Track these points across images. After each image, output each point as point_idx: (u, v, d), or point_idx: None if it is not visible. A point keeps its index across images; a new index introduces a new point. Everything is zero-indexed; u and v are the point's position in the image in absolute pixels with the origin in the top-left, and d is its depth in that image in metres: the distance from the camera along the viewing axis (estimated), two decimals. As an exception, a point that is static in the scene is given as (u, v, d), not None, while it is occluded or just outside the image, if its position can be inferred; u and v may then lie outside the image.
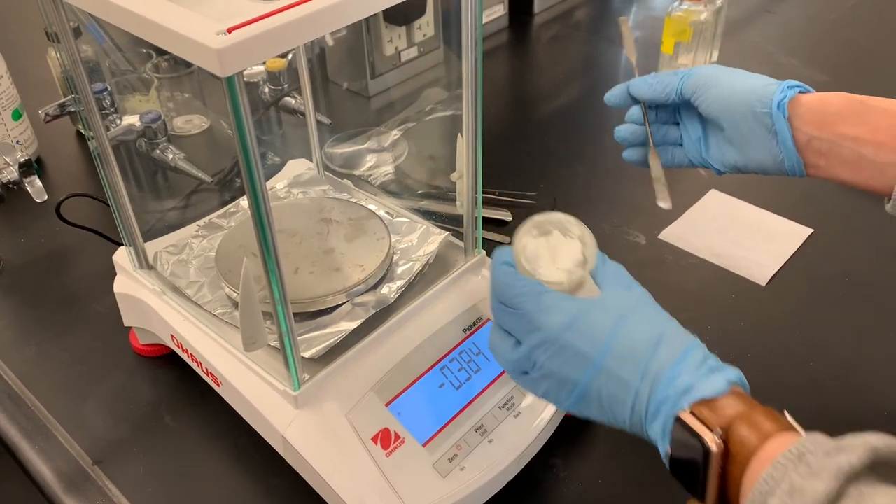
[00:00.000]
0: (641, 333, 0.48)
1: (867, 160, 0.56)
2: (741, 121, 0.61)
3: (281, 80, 1.01)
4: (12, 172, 0.86)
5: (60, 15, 0.58)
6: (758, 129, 0.60)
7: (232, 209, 0.78)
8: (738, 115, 0.61)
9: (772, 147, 0.60)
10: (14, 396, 0.74)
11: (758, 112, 0.59)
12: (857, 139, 0.56)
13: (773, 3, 1.42)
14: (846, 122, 0.57)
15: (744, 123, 0.61)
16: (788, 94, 0.59)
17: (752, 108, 0.60)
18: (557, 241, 0.56)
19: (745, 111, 0.60)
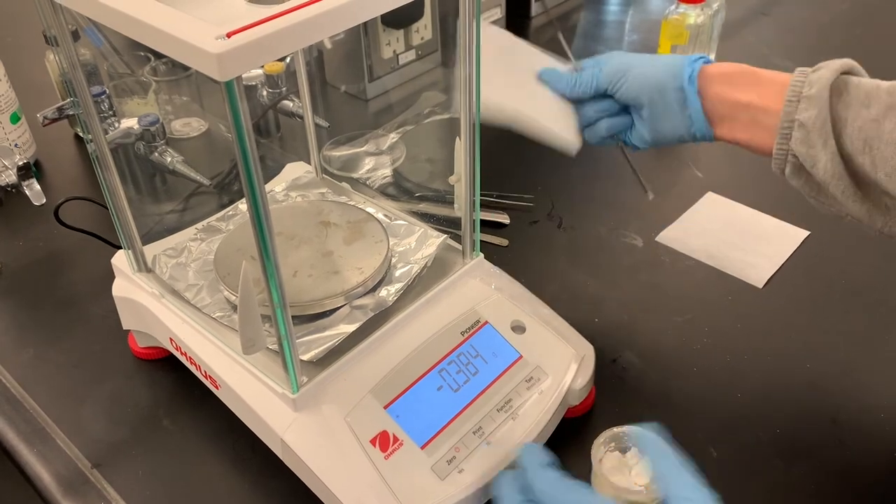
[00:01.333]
0: None
1: (758, 122, 0.63)
2: (658, 98, 0.67)
3: (279, 83, 1.01)
4: (11, 176, 0.86)
5: (59, 18, 0.58)
6: (672, 102, 0.66)
7: (230, 212, 0.78)
8: (655, 94, 0.67)
9: (685, 118, 0.66)
10: (12, 400, 0.74)
11: (671, 87, 0.66)
12: (750, 104, 0.64)
13: (769, 5, 1.43)
14: (740, 90, 0.65)
15: (660, 100, 0.67)
16: (695, 67, 0.66)
17: (666, 85, 0.66)
18: (634, 459, 0.61)
19: (660, 89, 0.66)
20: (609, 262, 0.88)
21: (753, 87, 0.64)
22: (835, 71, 0.60)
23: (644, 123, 0.69)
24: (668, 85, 0.66)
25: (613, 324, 0.80)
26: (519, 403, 0.64)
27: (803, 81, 0.60)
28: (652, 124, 0.68)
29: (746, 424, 0.70)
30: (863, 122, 0.57)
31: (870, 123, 0.57)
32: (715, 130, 0.67)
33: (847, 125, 0.58)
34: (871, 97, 0.58)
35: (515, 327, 0.67)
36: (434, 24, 1.20)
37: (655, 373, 0.75)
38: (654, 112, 0.67)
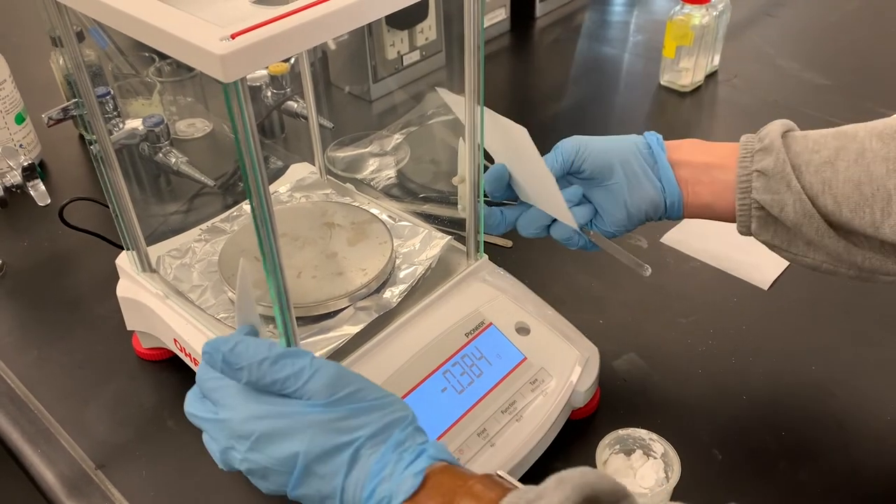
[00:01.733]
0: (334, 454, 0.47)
1: (718, 180, 0.64)
2: (626, 165, 0.65)
3: (283, 84, 1.01)
4: (16, 176, 0.86)
5: (64, 19, 0.58)
6: (641, 168, 0.65)
7: (235, 213, 0.78)
8: (622, 161, 0.65)
9: (655, 183, 0.66)
10: (17, 400, 0.74)
11: (638, 152, 0.66)
12: (710, 164, 0.65)
13: (774, 6, 1.42)
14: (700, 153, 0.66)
15: (628, 166, 0.65)
16: (658, 136, 0.67)
17: (632, 151, 0.66)
18: (639, 461, 0.62)
19: (626, 155, 0.65)
20: (613, 263, 0.87)
21: (708, 150, 0.65)
22: (782, 125, 0.62)
23: (613, 199, 0.66)
24: (634, 152, 0.66)
25: (618, 325, 0.80)
26: (523, 405, 0.63)
27: (753, 138, 0.62)
28: (621, 197, 0.65)
29: (751, 427, 0.69)
30: (817, 167, 0.59)
31: (824, 166, 0.59)
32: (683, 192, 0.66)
33: (803, 172, 0.59)
34: (819, 143, 0.60)
35: (520, 329, 0.67)
36: (438, 24, 1.19)
37: (660, 375, 0.74)
38: (623, 181, 0.65)
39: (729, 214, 0.65)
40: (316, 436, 0.47)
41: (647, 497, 0.59)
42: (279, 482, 0.49)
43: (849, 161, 0.58)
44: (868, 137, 0.58)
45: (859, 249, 0.60)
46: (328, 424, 0.48)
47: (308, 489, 0.48)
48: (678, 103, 1.16)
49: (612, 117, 1.15)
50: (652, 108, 1.16)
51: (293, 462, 0.47)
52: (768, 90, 1.17)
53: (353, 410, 0.48)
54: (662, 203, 0.66)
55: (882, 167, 0.57)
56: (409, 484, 0.45)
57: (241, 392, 0.50)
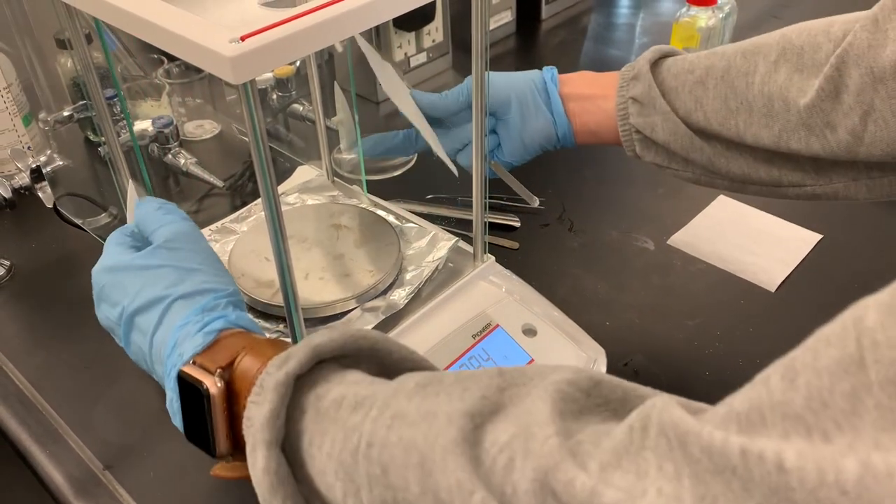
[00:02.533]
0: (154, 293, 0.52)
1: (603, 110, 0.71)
2: (522, 99, 0.72)
3: (289, 86, 1.02)
4: (24, 178, 0.87)
5: (74, 22, 0.59)
6: (535, 103, 0.72)
7: (244, 214, 0.79)
8: (519, 96, 0.72)
9: (548, 116, 0.72)
10: (25, 401, 0.74)
11: (534, 89, 0.72)
12: (593, 95, 0.72)
13: (780, 8, 1.42)
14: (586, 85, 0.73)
15: (524, 101, 0.71)
16: (553, 72, 0.73)
17: (528, 87, 0.72)
18: None
19: (523, 90, 0.72)
20: (620, 265, 0.88)
21: (594, 82, 0.72)
22: (654, 52, 0.68)
23: (510, 131, 0.72)
24: (531, 87, 0.72)
25: (625, 327, 0.80)
26: (530, 407, 0.63)
27: (629, 68, 0.69)
28: (516, 128, 0.72)
29: (759, 429, 0.69)
30: (691, 86, 0.65)
31: (696, 85, 0.65)
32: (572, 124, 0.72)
33: (679, 92, 0.65)
34: (693, 64, 0.65)
35: (527, 330, 0.67)
36: (445, 26, 1.20)
37: (667, 376, 0.74)
38: (518, 114, 0.71)
39: (614, 140, 0.71)
40: (141, 288, 0.52)
41: None
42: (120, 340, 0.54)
43: (717, 78, 0.64)
44: (734, 55, 0.64)
45: (727, 160, 0.65)
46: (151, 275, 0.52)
47: (133, 347, 0.53)
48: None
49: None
50: (658, 110, 1.16)
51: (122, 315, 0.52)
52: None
53: (178, 268, 0.52)
54: (554, 134, 0.73)
55: (743, 81, 0.62)
56: (199, 342, 0.48)
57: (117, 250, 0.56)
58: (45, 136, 1.00)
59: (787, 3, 1.44)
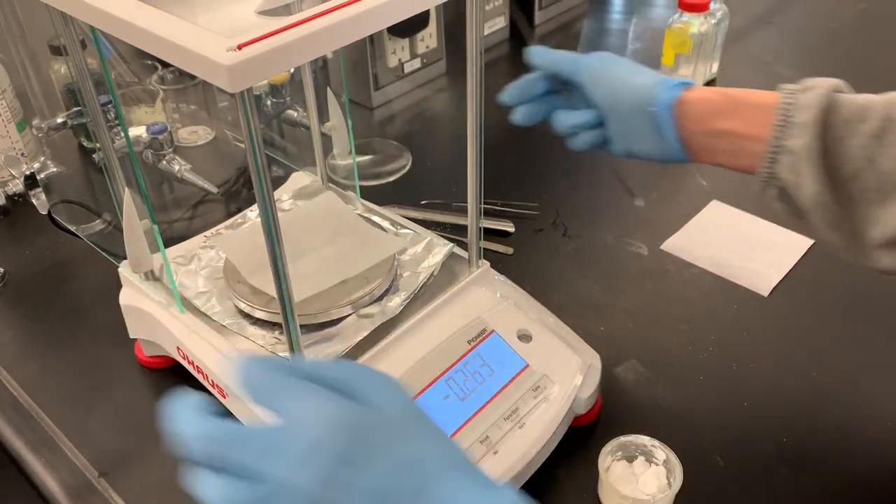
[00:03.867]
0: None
1: (742, 149, 0.60)
2: (629, 117, 0.64)
3: (283, 92, 1.02)
4: (17, 185, 0.87)
5: (69, 29, 0.59)
6: (644, 125, 0.63)
7: (239, 220, 0.79)
8: (626, 112, 0.64)
9: (657, 141, 0.63)
10: (20, 408, 0.74)
11: (646, 110, 0.63)
12: (733, 132, 0.60)
13: (773, 14, 1.43)
14: (723, 117, 0.61)
15: (632, 119, 0.64)
16: (674, 93, 0.62)
17: (640, 106, 0.63)
18: (641, 468, 0.63)
19: (633, 108, 0.63)
20: (614, 270, 0.88)
21: (736, 113, 0.61)
22: (825, 91, 0.57)
23: (616, 138, 0.66)
24: (642, 105, 0.63)
25: (619, 332, 0.80)
26: (526, 412, 0.64)
27: (791, 104, 0.57)
28: (622, 140, 0.65)
29: (753, 433, 0.70)
30: (863, 139, 0.55)
31: (870, 140, 0.55)
32: (693, 155, 0.64)
33: (845, 144, 0.55)
34: (866, 111, 0.56)
35: (522, 336, 0.67)
36: (439, 32, 1.20)
37: (661, 381, 0.75)
38: (622, 127, 0.65)
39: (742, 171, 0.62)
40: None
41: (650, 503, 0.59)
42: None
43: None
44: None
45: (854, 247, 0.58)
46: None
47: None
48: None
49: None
50: (651, 115, 1.17)
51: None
52: (767, 97, 1.18)
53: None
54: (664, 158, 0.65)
55: None
56: None
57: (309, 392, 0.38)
58: (39, 142, 1.00)
59: (780, 9, 1.45)
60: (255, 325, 0.67)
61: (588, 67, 0.65)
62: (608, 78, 0.64)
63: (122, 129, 0.72)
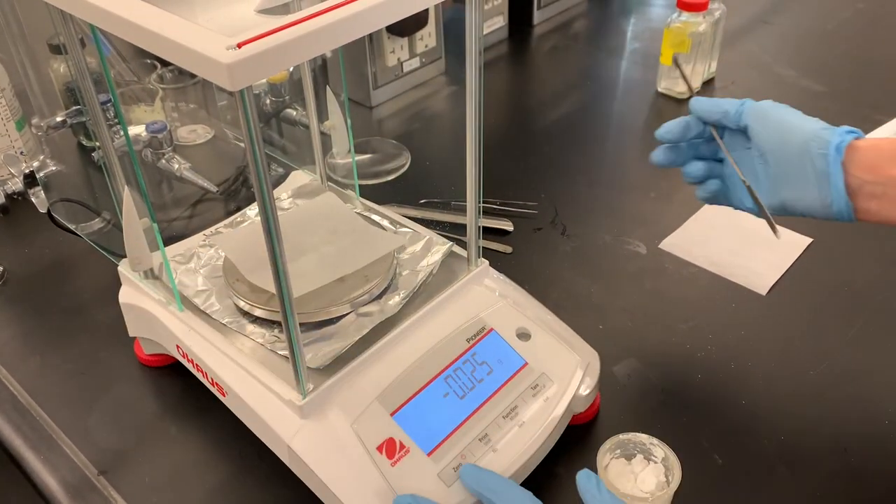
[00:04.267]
0: None
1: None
2: (794, 160, 0.60)
3: (282, 91, 1.02)
4: (17, 183, 0.87)
5: (69, 27, 0.59)
6: (809, 170, 0.60)
7: (238, 218, 0.79)
8: (791, 155, 0.61)
9: (821, 189, 0.60)
10: (19, 407, 0.74)
11: (813, 153, 0.59)
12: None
13: (771, 13, 1.43)
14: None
15: (796, 163, 0.60)
16: (846, 139, 0.59)
17: (807, 149, 0.60)
18: (640, 466, 0.62)
19: (799, 151, 0.60)
20: (613, 269, 0.88)
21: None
22: None
23: (769, 180, 0.62)
24: (810, 148, 0.59)
25: (618, 331, 0.80)
26: (525, 410, 0.64)
27: None
28: (778, 188, 0.62)
29: (751, 431, 0.70)
30: None
31: None
32: (858, 206, 0.60)
33: None
34: None
35: (521, 334, 0.68)
36: (438, 31, 1.20)
37: (660, 380, 0.75)
38: (783, 172, 0.61)
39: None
40: None
41: (649, 502, 0.60)
42: None
43: None
44: None
45: None
46: None
47: None
48: (675, 110, 1.17)
49: (609, 124, 1.16)
50: (649, 115, 1.17)
51: None
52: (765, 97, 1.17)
53: None
54: (825, 210, 0.61)
55: None
56: None
57: None
58: (39, 141, 1.00)
59: (777, 8, 1.45)
60: (255, 324, 0.67)
61: (753, 110, 0.64)
62: (775, 120, 0.63)
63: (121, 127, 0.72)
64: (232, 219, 0.79)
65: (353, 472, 0.58)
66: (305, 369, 0.58)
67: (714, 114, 0.67)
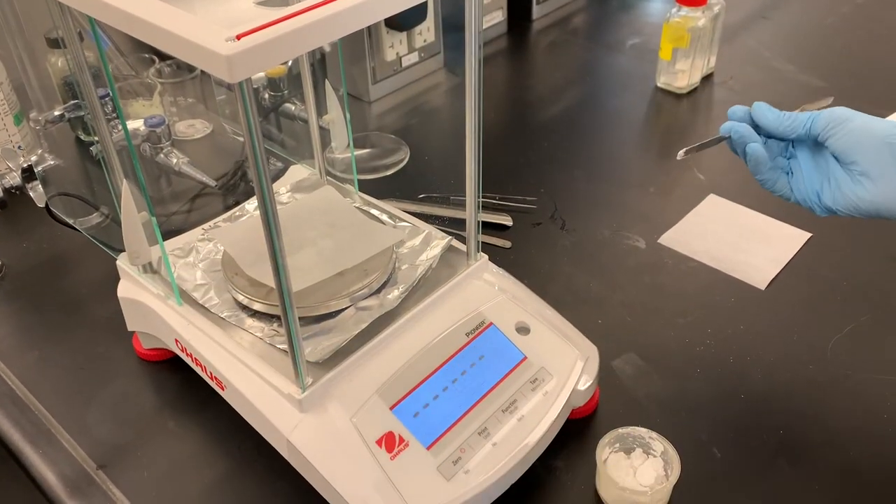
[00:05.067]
0: None
1: None
2: (878, 154, 0.60)
3: (281, 86, 1.02)
4: (15, 178, 0.86)
5: (67, 20, 0.59)
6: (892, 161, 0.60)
7: (237, 213, 0.79)
8: (875, 148, 0.60)
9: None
10: (18, 401, 0.74)
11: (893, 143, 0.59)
12: None
13: (769, 8, 1.43)
14: None
15: (880, 156, 0.60)
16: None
17: (890, 140, 0.60)
18: (639, 460, 0.63)
19: (882, 143, 0.60)
20: (612, 263, 0.88)
21: None
22: None
23: (854, 183, 0.61)
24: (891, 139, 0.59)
25: (617, 325, 0.80)
26: (524, 404, 0.64)
27: None
28: (863, 183, 0.61)
29: (750, 425, 0.70)
30: None
31: None
32: None
33: None
34: None
35: (520, 328, 0.67)
36: (437, 26, 1.20)
37: (659, 374, 0.75)
38: (867, 168, 0.60)
39: None
40: None
41: (648, 495, 0.60)
42: None
43: None
44: None
45: None
46: None
47: None
48: (674, 105, 1.17)
49: (608, 119, 1.16)
50: (648, 109, 1.17)
51: None
52: (764, 92, 1.18)
53: None
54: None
55: None
56: None
57: None
58: (36, 135, 1.00)
59: (776, 3, 1.45)
60: (254, 318, 0.67)
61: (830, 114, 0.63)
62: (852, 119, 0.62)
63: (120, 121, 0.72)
64: (231, 213, 0.79)
65: (352, 466, 0.58)
66: (305, 363, 0.58)
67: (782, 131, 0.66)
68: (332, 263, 0.68)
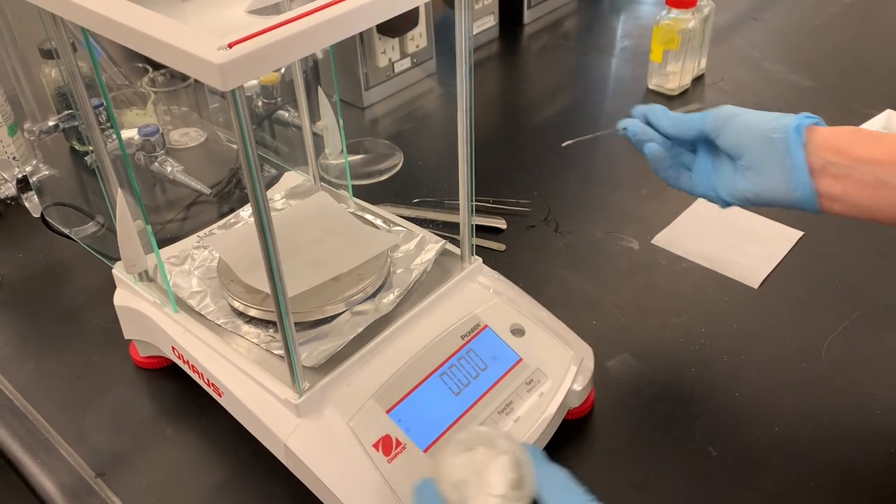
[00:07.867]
0: None
1: (886, 183, 0.57)
2: (758, 147, 0.61)
3: (274, 93, 1.02)
4: (10, 188, 0.87)
5: (60, 31, 0.59)
6: (773, 155, 0.61)
7: (232, 220, 0.79)
8: (756, 143, 0.62)
9: (786, 174, 0.60)
10: (15, 411, 0.74)
11: (774, 138, 0.61)
12: (874, 160, 0.57)
13: (759, 10, 1.44)
14: (862, 145, 0.58)
15: (760, 149, 0.61)
16: (804, 122, 0.61)
17: (768, 135, 0.61)
18: (485, 459, 0.50)
19: (761, 137, 0.61)
20: (606, 265, 0.89)
21: (876, 143, 0.57)
22: None
23: (739, 175, 0.63)
24: (770, 133, 0.61)
25: (611, 326, 0.81)
26: (520, 406, 0.64)
27: None
28: (747, 176, 0.63)
29: (745, 424, 0.70)
30: None
31: None
32: (822, 191, 0.60)
33: None
34: None
35: (515, 330, 0.68)
36: (429, 32, 1.21)
37: (653, 374, 0.75)
38: (751, 161, 0.62)
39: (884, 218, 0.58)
40: None
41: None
42: None
43: None
44: None
45: None
46: None
47: None
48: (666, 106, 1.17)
49: (600, 122, 1.16)
50: (640, 111, 1.18)
51: None
52: (754, 92, 1.19)
53: None
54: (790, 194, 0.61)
55: None
56: None
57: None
58: (31, 146, 1.00)
59: (765, 5, 1.46)
60: (250, 324, 0.67)
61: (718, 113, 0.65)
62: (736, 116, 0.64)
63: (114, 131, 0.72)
64: (225, 220, 0.79)
65: (349, 470, 0.58)
66: (301, 368, 0.59)
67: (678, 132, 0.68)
68: (327, 268, 0.69)
